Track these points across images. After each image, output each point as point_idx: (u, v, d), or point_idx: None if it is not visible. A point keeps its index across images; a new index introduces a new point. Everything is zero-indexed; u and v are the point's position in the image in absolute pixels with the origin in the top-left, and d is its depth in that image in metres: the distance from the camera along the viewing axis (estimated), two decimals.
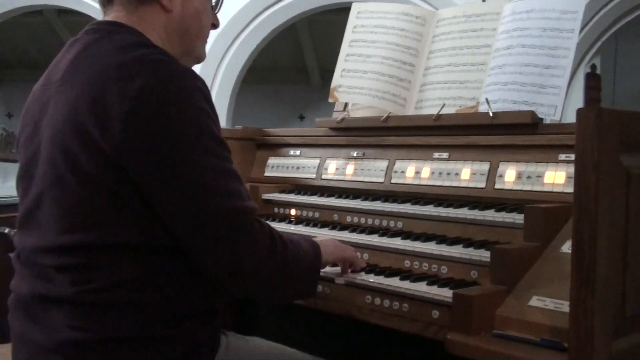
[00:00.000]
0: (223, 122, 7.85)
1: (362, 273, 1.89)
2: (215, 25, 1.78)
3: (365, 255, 2.02)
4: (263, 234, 1.53)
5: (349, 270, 1.89)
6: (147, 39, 1.57)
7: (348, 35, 2.59)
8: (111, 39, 1.52)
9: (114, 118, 1.39)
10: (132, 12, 1.61)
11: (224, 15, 1.77)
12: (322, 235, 2.16)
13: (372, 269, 1.92)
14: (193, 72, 1.50)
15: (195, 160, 1.43)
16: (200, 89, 1.47)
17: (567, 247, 1.61)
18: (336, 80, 2.54)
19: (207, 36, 1.77)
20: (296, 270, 1.62)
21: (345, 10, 2.97)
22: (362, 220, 2.22)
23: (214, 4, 1.76)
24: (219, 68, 9.03)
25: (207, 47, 1.81)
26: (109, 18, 1.62)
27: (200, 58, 1.76)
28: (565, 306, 1.44)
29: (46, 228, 1.50)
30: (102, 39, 1.53)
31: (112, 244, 1.43)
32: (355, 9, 2.63)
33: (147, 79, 1.41)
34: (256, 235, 1.50)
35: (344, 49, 2.57)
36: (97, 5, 1.67)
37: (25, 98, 1.69)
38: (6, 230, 3.69)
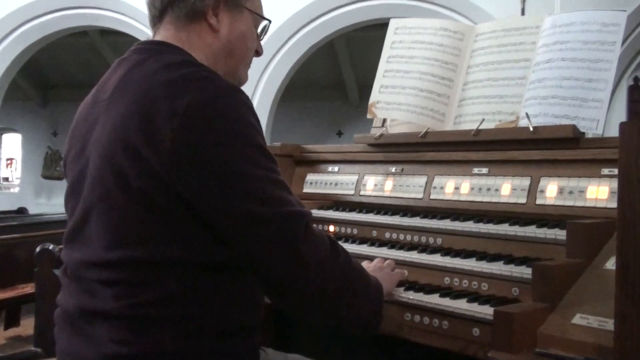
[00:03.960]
0: None
1: (402, 290, 1.88)
2: (258, 52, 1.81)
3: (405, 272, 2.01)
4: (322, 239, 1.53)
5: None
6: (193, 57, 1.60)
7: (386, 51, 2.59)
8: (158, 58, 1.56)
9: (163, 134, 1.41)
10: (181, 29, 1.65)
11: None
12: (361, 251, 2.16)
13: (411, 285, 1.90)
14: (238, 87, 1.53)
15: (244, 171, 1.45)
16: (246, 103, 1.50)
17: (611, 264, 1.58)
18: (374, 96, 2.55)
19: (250, 61, 1.79)
20: (360, 285, 1.62)
21: (382, 26, 2.98)
22: (401, 236, 2.21)
23: (259, 31, 1.79)
24: (258, 85, 9.13)
25: None
26: (158, 37, 1.67)
27: (242, 81, 1.78)
28: (610, 324, 1.40)
29: (93, 243, 1.52)
30: (149, 58, 1.57)
31: (158, 259, 1.45)
32: (393, 25, 2.63)
33: (195, 96, 1.43)
34: (314, 237, 1.51)
35: (382, 65, 2.58)
36: (139, 26, 1.71)
37: (70, 117, 1.73)
38: (51, 247, 3.77)
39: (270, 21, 1.81)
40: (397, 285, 1.90)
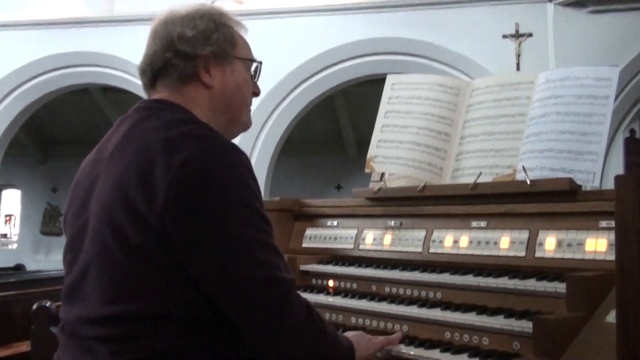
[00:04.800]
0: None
1: (402, 345, 1.86)
2: (256, 93, 1.83)
3: (405, 327, 1.99)
4: (300, 307, 1.54)
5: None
6: (192, 115, 1.63)
7: (383, 106, 2.63)
8: (158, 116, 1.58)
9: (159, 188, 1.43)
10: (176, 92, 1.67)
11: (262, 88, 1.82)
12: (361, 306, 2.15)
13: (411, 341, 1.89)
14: (236, 146, 1.55)
15: (235, 232, 1.46)
16: (243, 162, 1.52)
17: (612, 317, 1.57)
18: (372, 150, 2.57)
19: (250, 104, 1.82)
20: (332, 353, 1.61)
21: (380, 81, 3.02)
22: (401, 291, 2.20)
23: (252, 73, 1.82)
24: (257, 140, 9.21)
25: None
26: (154, 97, 1.69)
27: (247, 125, 1.81)
28: None
29: (90, 299, 1.52)
30: (150, 117, 1.60)
31: (155, 314, 1.45)
32: (390, 80, 2.67)
33: (192, 152, 1.45)
34: (293, 307, 1.51)
35: (380, 120, 2.61)
36: (141, 83, 1.74)
37: (70, 173, 1.74)
38: (48, 304, 3.73)
39: (260, 62, 1.83)
40: (399, 342, 1.88)
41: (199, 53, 1.67)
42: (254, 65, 1.82)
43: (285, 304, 1.50)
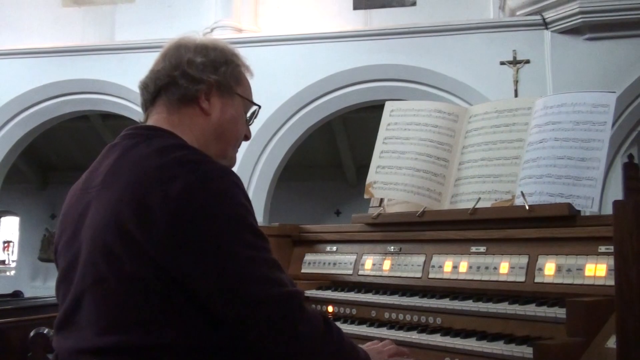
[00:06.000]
0: (260, 218, 7.93)
1: None
2: (247, 137, 1.85)
3: None
4: (316, 317, 1.55)
5: None
6: (183, 141, 1.63)
7: (382, 132, 2.64)
8: (149, 143, 1.58)
9: (157, 219, 1.42)
10: (173, 113, 1.69)
11: (261, 114, 1.84)
12: (360, 332, 2.13)
13: None
14: (229, 169, 1.56)
15: (238, 253, 1.46)
16: (237, 184, 1.53)
17: (612, 342, 1.56)
18: (371, 176, 2.58)
19: (239, 144, 1.83)
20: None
21: (378, 107, 3.04)
22: (400, 316, 2.19)
23: (248, 117, 1.83)
24: (257, 165, 9.20)
25: (245, 145, 1.87)
26: (150, 121, 1.70)
27: (231, 162, 1.81)
28: None
29: (85, 329, 1.50)
30: (140, 143, 1.60)
31: (152, 344, 1.43)
32: (388, 107, 2.69)
33: (187, 180, 1.46)
34: (309, 318, 1.52)
35: (378, 146, 2.62)
36: (140, 110, 1.74)
37: None
38: (45, 331, 3.71)
39: (259, 106, 1.85)
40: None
41: (204, 78, 1.69)
42: (252, 108, 1.84)
43: (302, 315, 1.50)
